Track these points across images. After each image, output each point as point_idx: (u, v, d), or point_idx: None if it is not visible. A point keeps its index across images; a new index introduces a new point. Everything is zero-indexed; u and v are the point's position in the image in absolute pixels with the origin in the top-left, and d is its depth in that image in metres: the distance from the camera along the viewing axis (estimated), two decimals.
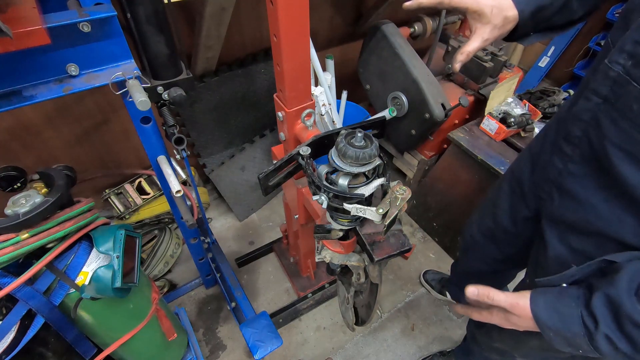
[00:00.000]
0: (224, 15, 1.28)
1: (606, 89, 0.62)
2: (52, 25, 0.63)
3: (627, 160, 0.59)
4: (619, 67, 0.59)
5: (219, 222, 2.05)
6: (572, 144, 0.72)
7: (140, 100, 0.71)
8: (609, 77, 0.61)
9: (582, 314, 0.58)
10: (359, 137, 0.65)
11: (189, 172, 1.12)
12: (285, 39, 0.74)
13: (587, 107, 0.67)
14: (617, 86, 0.60)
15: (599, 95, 0.64)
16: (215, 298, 1.74)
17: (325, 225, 0.78)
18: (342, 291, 1.08)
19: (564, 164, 0.75)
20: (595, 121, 0.65)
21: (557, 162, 0.76)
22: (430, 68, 1.72)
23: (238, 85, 1.76)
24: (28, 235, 0.75)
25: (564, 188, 0.75)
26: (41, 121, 1.43)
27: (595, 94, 0.64)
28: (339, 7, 1.90)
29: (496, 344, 1.12)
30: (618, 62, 0.59)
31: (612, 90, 0.61)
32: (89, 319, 0.88)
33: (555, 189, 0.78)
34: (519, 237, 1.03)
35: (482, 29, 0.72)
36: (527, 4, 0.71)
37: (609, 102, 0.62)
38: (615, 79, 0.60)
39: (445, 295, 1.69)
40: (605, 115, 0.63)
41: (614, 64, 0.60)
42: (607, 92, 0.62)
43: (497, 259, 1.17)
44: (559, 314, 0.60)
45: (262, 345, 1.16)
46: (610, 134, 0.61)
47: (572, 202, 0.73)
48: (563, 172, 0.75)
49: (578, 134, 0.70)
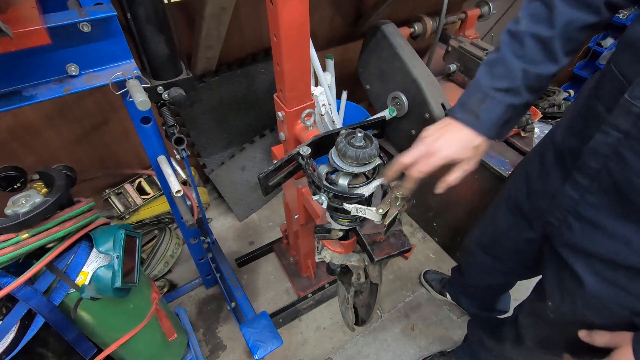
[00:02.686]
0: (224, 15, 1.28)
1: (628, 124, 0.61)
2: (52, 25, 0.63)
3: None
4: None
5: (219, 222, 2.05)
6: (589, 175, 0.71)
7: (140, 100, 0.71)
8: (632, 112, 0.60)
9: None
10: (359, 137, 0.65)
11: (189, 172, 1.12)
12: (285, 39, 0.74)
13: (606, 142, 0.66)
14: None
15: (620, 131, 0.63)
16: (215, 298, 1.73)
17: (325, 225, 0.78)
18: (342, 291, 1.08)
19: (580, 194, 0.74)
20: (617, 155, 0.64)
21: (571, 192, 0.76)
22: (430, 68, 1.72)
23: (238, 85, 1.76)
24: (28, 235, 0.75)
25: (585, 217, 0.74)
26: (41, 121, 1.43)
27: (616, 130, 0.63)
28: (339, 7, 1.89)
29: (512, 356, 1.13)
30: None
31: (635, 125, 0.60)
32: (89, 319, 0.88)
33: (572, 217, 0.77)
34: (521, 253, 1.03)
35: (459, 166, 0.73)
36: (491, 128, 0.72)
37: (632, 137, 0.61)
38: (639, 115, 0.59)
39: (445, 296, 1.69)
40: (628, 149, 0.62)
41: (637, 100, 0.59)
42: (630, 128, 0.61)
43: (500, 271, 1.17)
44: None
45: (262, 345, 1.16)
46: (637, 166, 0.61)
47: (598, 234, 0.72)
48: (580, 202, 0.74)
49: (596, 167, 0.69)
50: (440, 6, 1.64)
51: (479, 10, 1.93)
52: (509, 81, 0.70)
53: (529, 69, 0.69)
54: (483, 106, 0.71)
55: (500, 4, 2.35)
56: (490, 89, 0.71)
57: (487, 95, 0.71)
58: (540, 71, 0.69)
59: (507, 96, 0.70)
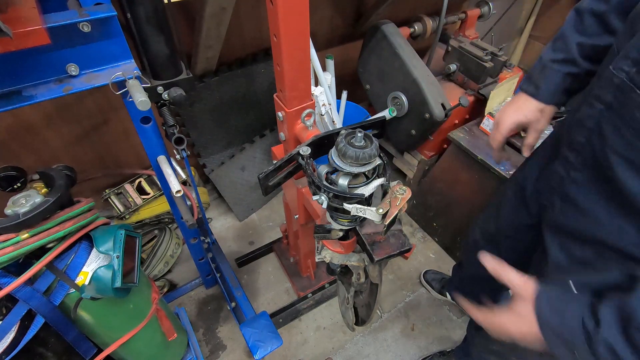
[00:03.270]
0: (224, 15, 1.28)
1: (610, 95, 0.61)
2: (52, 25, 0.63)
3: (629, 168, 0.58)
4: (623, 74, 0.58)
5: (219, 222, 2.05)
6: (575, 150, 0.71)
7: (140, 100, 0.71)
8: (613, 83, 0.60)
9: (584, 316, 0.57)
10: (359, 137, 0.65)
11: (189, 172, 1.12)
12: (285, 39, 0.74)
13: (590, 114, 0.66)
14: (621, 93, 0.59)
15: (603, 102, 0.63)
16: (215, 298, 1.73)
17: (325, 225, 0.78)
18: (342, 291, 1.08)
19: (566, 171, 0.74)
20: (599, 128, 0.64)
21: (560, 169, 0.76)
22: (430, 68, 1.72)
23: (238, 85, 1.76)
24: (28, 235, 0.75)
25: (566, 195, 0.74)
26: (41, 121, 1.43)
27: (599, 101, 0.63)
28: (339, 7, 1.90)
29: (493, 346, 1.12)
30: (622, 69, 0.58)
31: (615, 97, 0.60)
32: (89, 319, 0.88)
33: (557, 196, 0.77)
34: (520, 243, 1.03)
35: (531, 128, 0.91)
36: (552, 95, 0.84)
37: (613, 109, 0.61)
38: (619, 86, 0.59)
39: (445, 296, 1.69)
40: (608, 122, 0.62)
41: (619, 70, 0.58)
42: (611, 99, 0.61)
43: None
44: (561, 312, 0.60)
45: (262, 345, 1.16)
46: (613, 142, 0.60)
47: (573, 210, 0.72)
48: (565, 179, 0.74)
49: (581, 141, 0.69)
50: (440, 6, 1.64)
51: (479, 10, 1.93)
52: (565, 53, 0.81)
53: (585, 42, 0.78)
54: (542, 77, 0.84)
55: (500, 4, 2.35)
56: (548, 61, 0.83)
57: (546, 66, 0.83)
58: (596, 42, 0.77)
59: (564, 66, 0.81)
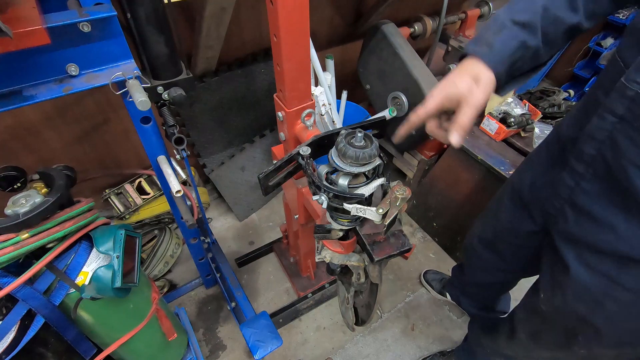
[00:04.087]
0: (224, 15, 1.28)
1: (623, 108, 0.61)
2: (52, 25, 0.63)
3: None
4: (637, 86, 0.58)
5: (219, 222, 2.05)
6: (585, 162, 0.71)
7: (140, 100, 0.71)
8: (626, 96, 0.60)
9: None
10: (359, 137, 0.65)
11: (189, 172, 1.11)
12: (285, 39, 0.74)
13: (601, 127, 0.66)
14: (635, 105, 0.59)
15: (615, 115, 0.63)
16: (215, 298, 1.73)
17: (325, 225, 0.78)
18: (342, 291, 1.08)
19: (575, 181, 0.74)
20: (612, 140, 0.64)
21: (568, 179, 0.76)
22: (430, 68, 1.72)
23: (238, 85, 1.76)
24: (28, 235, 0.75)
25: (578, 205, 0.74)
26: (41, 121, 1.43)
27: (611, 114, 0.63)
28: (339, 7, 1.89)
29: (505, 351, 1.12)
30: (636, 81, 0.58)
31: (629, 109, 0.60)
32: (89, 319, 0.88)
33: (568, 206, 0.77)
34: (522, 248, 1.03)
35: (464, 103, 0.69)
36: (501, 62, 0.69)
37: (626, 121, 0.61)
38: (633, 98, 0.59)
39: (445, 296, 1.69)
40: (622, 134, 0.62)
41: (632, 82, 0.59)
42: (624, 112, 0.61)
43: (501, 269, 1.17)
44: None
45: (262, 345, 1.16)
46: (629, 154, 0.61)
47: (589, 222, 0.72)
48: (575, 189, 0.74)
49: (591, 153, 0.69)
50: (440, 6, 1.64)
51: (479, 10, 1.93)
52: (529, 15, 0.69)
53: (550, 7, 0.68)
54: (498, 37, 0.70)
55: (500, 4, 2.35)
56: (508, 20, 0.70)
57: (505, 26, 0.70)
58: (560, 14, 0.68)
59: (524, 32, 0.69)
